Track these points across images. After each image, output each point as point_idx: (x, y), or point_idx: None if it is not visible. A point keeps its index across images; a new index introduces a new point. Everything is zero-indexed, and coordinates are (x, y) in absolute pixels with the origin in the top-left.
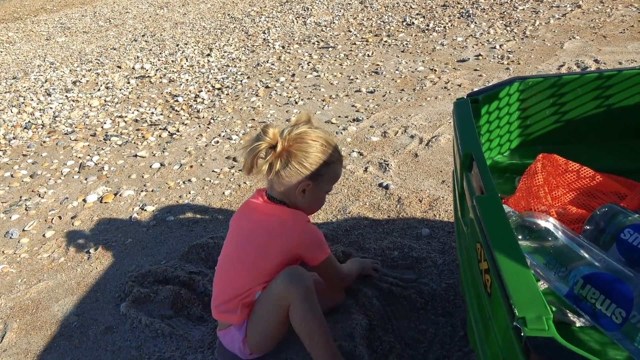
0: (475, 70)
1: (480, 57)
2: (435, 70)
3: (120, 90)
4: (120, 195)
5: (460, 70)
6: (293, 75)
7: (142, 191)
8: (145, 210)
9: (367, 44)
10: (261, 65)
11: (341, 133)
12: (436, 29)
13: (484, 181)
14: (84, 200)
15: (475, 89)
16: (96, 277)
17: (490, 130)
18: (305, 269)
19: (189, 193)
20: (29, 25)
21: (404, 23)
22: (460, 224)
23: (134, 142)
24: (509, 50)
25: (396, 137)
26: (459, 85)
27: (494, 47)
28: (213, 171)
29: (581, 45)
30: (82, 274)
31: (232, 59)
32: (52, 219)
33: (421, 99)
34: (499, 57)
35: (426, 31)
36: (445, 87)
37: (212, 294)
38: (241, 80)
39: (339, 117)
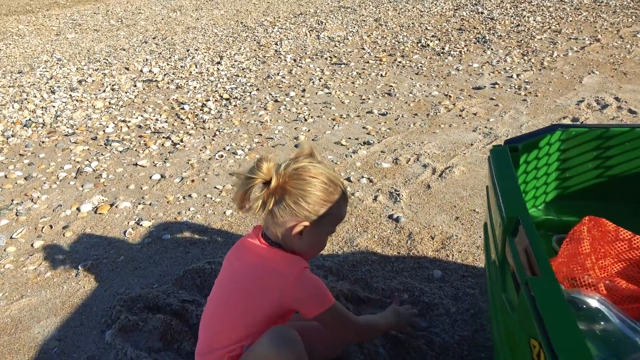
0: (492, 99)
1: (496, 86)
2: (450, 97)
3: (126, 93)
4: (116, 206)
5: (476, 98)
6: (304, 90)
7: (139, 204)
8: (141, 225)
9: (380, 63)
10: (271, 78)
11: (351, 156)
12: (451, 52)
13: (538, 259)
14: (78, 210)
15: (491, 119)
16: (83, 297)
17: (527, 182)
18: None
19: (189, 210)
20: (40, 19)
21: (419, 44)
22: (496, 296)
23: (136, 150)
24: (526, 80)
25: (408, 165)
26: (475, 114)
27: (511, 77)
28: (215, 187)
29: (601, 81)
30: (68, 293)
31: (242, 69)
32: (43, 227)
33: (435, 125)
34: (516, 87)
35: (441, 54)
36: (459, 115)
37: (198, 337)
38: (250, 92)
39: (349, 138)
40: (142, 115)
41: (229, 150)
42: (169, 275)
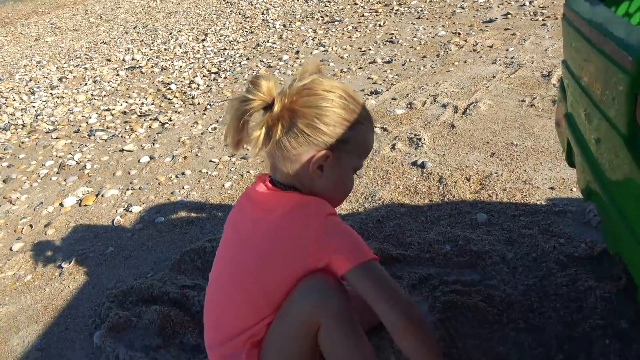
0: (507, 29)
1: (509, 16)
2: (460, 34)
3: (108, 82)
4: (102, 196)
5: (489, 31)
6: (297, 52)
7: (127, 190)
8: (131, 211)
9: (377, 15)
10: (261, 46)
11: None
12: None
13: None
14: (61, 205)
15: (510, 49)
16: (67, 298)
17: None
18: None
19: (183, 188)
20: (18, 29)
21: None
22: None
23: (121, 136)
24: (541, 6)
25: (425, 108)
26: (491, 47)
27: (523, 5)
28: (211, 161)
29: None
30: (51, 295)
31: (230, 42)
32: (23, 228)
33: (448, 64)
34: (531, 13)
35: None
36: (474, 50)
37: (204, 327)
38: (240, 62)
39: (354, 91)
40: (126, 102)
41: (222, 121)
42: (164, 261)
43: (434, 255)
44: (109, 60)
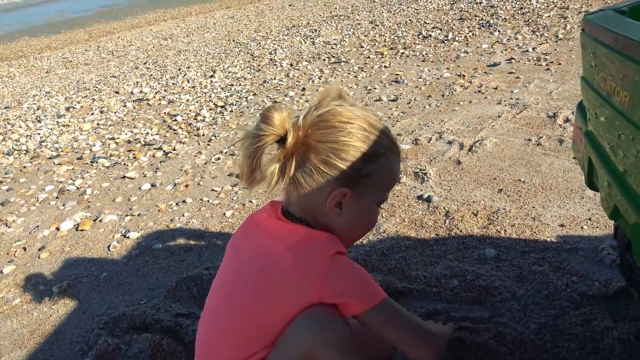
0: (511, 72)
1: (512, 61)
2: (464, 76)
3: (115, 113)
4: (100, 221)
5: (493, 74)
6: (303, 89)
7: (126, 215)
8: (128, 237)
9: (382, 57)
10: (268, 82)
11: None
12: (456, 38)
13: None
14: (57, 229)
15: (515, 91)
16: (55, 323)
17: None
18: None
19: (183, 216)
20: (31, 61)
21: (420, 36)
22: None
23: (124, 164)
24: (544, 52)
25: (430, 144)
26: (495, 88)
27: (527, 51)
28: (212, 190)
29: None
30: (39, 320)
31: (237, 78)
32: (16, 251)
33: (453, 104)
34: (535, 59)
35: (445, 42)
36: (479, 91)
37: (195, 352)
38: (246, 97)
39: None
40: (131, 131)
41: (226, 152)
42: (159, 287)
43: (441, 290)
44: (117, 92)
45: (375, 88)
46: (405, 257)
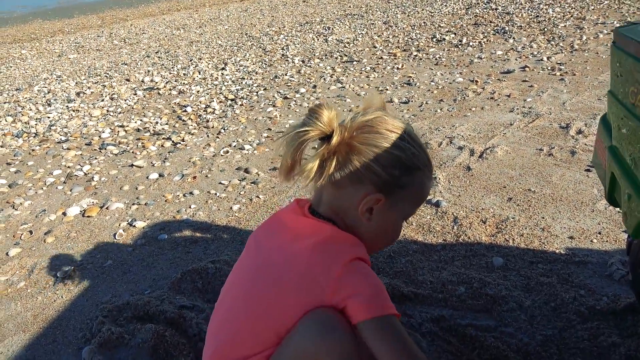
0: (525, 81)
1: (527, 69)
2: (477, 82)
3: (125, 100)
4: (107, 208)
5: (506, 82)
6: (314, 86)
7: (133, 204)
8: (134, 226)
9: (395, 58)
10: (279, 78)
11: None
12: (470, 44)
13: None
14: (64, 214)
15: (528, 99)
16: (59, 308)
17: None
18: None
19: (190, 207)
20: (43, 44)
21: (434, 39)
22: None
23: (132, 152)
24: (559, 62)
25: (441, 149)
26: (508, 96)
27: (541, 60)
28: (220, 183)
29: None
30: (43, 304)
31: (248, 72)
32: (22, 234)
33: (465, 109)
34: (549, 68)
35: (459, 46)
36: (491, 98)
37: (205, 343)
38: (257, 92)
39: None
40: (141, 120)
41: (235, 146)
42: (164, 278)
43: (447, 296)
44: (128, 80)
45: (387, 89)
46: (412, 262)
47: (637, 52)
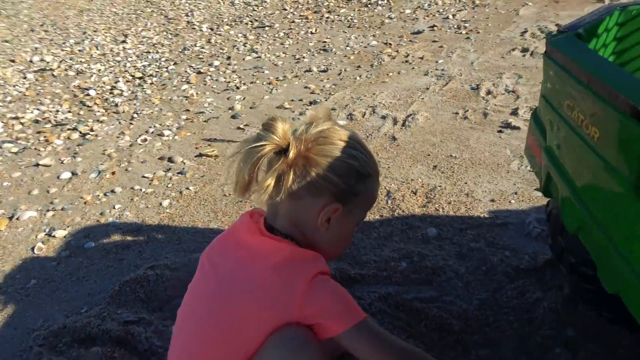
0: (434, 41)
1: (435, 28)
2: (391, 44)
3: (14, 87)
4: (17, 219)
5: (418, 43)
6: (229, 58)
7: (48, 210)
8: (54, 236)
9: (307, 21)
10: (189, 50)
11: (298, 119)
12: (379, 2)
13: None
14: None
15: (440, 61)
16: None
17: None
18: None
19: (114, 208)
20: None
21: None
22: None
23: (35, 148)
24: (463, 19)
25: (365, 119)
26: (421, 58)
27: (447, 18)
28: (143, 177)
29: (537, 11)
30: None
31: (153, 44)
32: None
33: (382, 75)
34: (455, 26)
35: (369, 5)
36: (406, 61)
37: None
38: (167, 67)
39: (292, 100)
40: (37, 109)
41: (153, 132)
42: (100, 292)
43: (391, 274)
44: (13, 61)
45: (304, 57)
46: (353, 242)
47: (569, 67)
